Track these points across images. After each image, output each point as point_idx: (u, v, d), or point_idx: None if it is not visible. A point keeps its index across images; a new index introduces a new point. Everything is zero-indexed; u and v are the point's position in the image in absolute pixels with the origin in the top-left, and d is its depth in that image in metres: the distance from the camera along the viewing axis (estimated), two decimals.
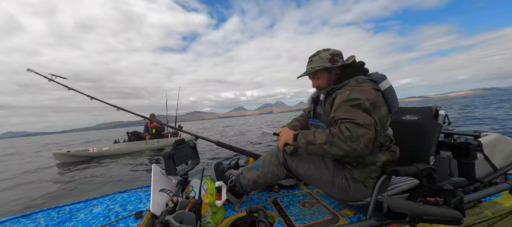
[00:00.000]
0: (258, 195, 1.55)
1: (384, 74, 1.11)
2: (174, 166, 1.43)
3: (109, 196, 1.56)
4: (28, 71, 1.96)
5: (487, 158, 1.36)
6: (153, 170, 1.39)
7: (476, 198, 1.13)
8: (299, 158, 1.19)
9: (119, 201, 1.44)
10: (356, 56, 1.16)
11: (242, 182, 1.30)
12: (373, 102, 0.97)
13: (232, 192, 1.34)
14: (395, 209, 0.87)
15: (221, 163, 1.56)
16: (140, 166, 5.44)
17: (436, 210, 0.91)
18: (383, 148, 1.09)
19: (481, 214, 1.14)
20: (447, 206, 0.97)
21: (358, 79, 1.07)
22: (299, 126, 1.45)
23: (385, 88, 1.05)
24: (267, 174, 1.24)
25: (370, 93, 0.99)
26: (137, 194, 1.53)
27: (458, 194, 0.99)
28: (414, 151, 1.34)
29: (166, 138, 8.45)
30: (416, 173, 1.06)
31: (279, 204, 1.38)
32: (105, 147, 7.15)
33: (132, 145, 7.57)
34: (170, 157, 1.42)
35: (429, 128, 1.31)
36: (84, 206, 1.41)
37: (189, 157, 1.67)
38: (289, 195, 1.51)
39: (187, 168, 1.60)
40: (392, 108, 1.07)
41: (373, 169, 1.07)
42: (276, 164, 1.22)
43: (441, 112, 1.32)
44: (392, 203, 0.88)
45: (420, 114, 1.42)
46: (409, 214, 0.87)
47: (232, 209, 1.34)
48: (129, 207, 1.33)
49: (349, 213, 1.24)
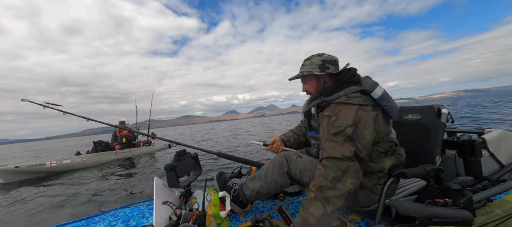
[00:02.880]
0: (262, 203, 1.52)
1: (371, 79, 1.06)
2: (176, 178, 1.41)
3: (111, 211, 1.53)
4: (22, 101, 1.92)
5: (492, 154, 1.34)
6: (155, 182, 1.37)
7: (485, 196, 1.11)
8: (303, 167, 1.17)
9: (121, 216, 1.41)
10: (349, 63, 1.13)
11: (245, 192, 1.28)
12: (357, 125, 0.92)
13: (236, 201, 1.31)
14: (404, 213, 0.85)
15: (223, 172, 1.53)
16: (111, 180, 4.56)
17: (445, 211, 0.89)
18: (388, 153, 1.07)
19: (492, 213, 1.12)
20: (457, 207, 0.95)
21: (348, 94, 1.00)
22: (292, 136, 1.45)
23: (378, 96, 0.99)
24: (270, 184, 1.21)
25: (356, 115, 0.93)
26: (139, 209, 1.51)
27: (467, 193, 0.97)
28: (419, 151, 1.32)
29: (137, 147, 7.54)
30: (423, 174, 1.05)
31: (285, 212, 1.35)
32: (67, 159, 5.92)
33: (99, 156, 6.47)
34: (172, 168, 1.40)
35: (433, 127, 1.30)
36: (86, 224, 1.38)
37: (191, 168, 1.65)
38: (294, 202, 1.48)
39: (189, 179, 1.58)
40: (390, 114, 1.04)
41: (381, 175, 1.05)
42: (279, 174, 1.19)
43: (444, 111, 1.30)
44: (400, 206, 0.86)
45: (422, 113, 1.41)
46: (418, 217, 0.85)
47: (237, 219, 1.31)
48: (132, 223, 1.31)
49: (356, 218, 1.21)
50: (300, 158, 1.20)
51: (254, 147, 7.21)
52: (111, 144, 6.98)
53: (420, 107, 1.45)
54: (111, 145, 6.94)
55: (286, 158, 1.21)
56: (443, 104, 1.35)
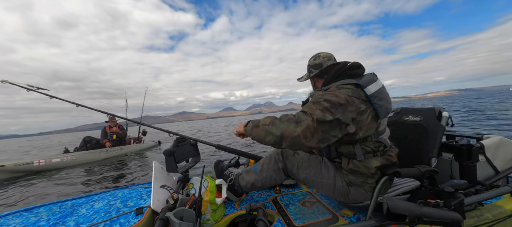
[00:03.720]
0: (258, 193, 1.56)
1: (375, 77, 1.04)
2: (175, 163, 1.44)
3: (110, 191, 1.57)
4: (2, 83, 1.82)
5: (489, 160, 1.35)
6: (154, 166, 1.40)
7: (477, 200, 1.13)
8: (300, 163, 1.19)
9: (120, 197, 1.45)
10: (345, 59, 1.16)
11: (241, 183, 1.31)
12: (335, 103, 0.93)
13: (232, 190, 1.35)
14: (395, 210, 0.87)
15: (221, 161, 1.56)
16: (103, 176, 4.41)
17: (436, 212, 0.91)
18: (377, 154, 1.07)
19: (482, 217, 1.14)
20: (448, 208, 0.97)
21: (339, 85, 1.03)
22: None
23: (371, 93, 0.97)
24: (265, 179, 1.24)
25: (337, 96, 0.95)
26: (138, 190, 1.55)
27: (459, 196, 0.99)
28: (416, 152, 1.34)
29: (128, 145, 7.34)
30: (418, 175, 1.06)
31: (279, 203, 1.39)
32: (56, 158, 5.66)
33: (89, 154, 6.25)
34: (171, 154, 1.43)
35: (432, 129, 1.31)
36: (85, 201, 1.42)
37: (190, 155, 1.67)
38: (289, 194, 1.51)
39: (187, 165, 1.61)
40: (379, 113, 0.99)
41: (369, 175, 1.06)
42: (274, 169, 1.21)
43: (445, 114, 1.31)
44: (392, 204, 0.88)
45: (423, 115, 1.41)
46: (408, 215, 0.87)
47: (232, 207, 1.35)
48: (130, 203, 1.34)
49: (348, 213, 1.24)
50: (297, 154, 1.22)
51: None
52: (101, 141, 6.73)
53: (421, 109, 1.45)
54: (101, 142, 6.70)
55: (282, 154, 1.22)
56: (444, 108, 1.35)
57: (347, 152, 1.08)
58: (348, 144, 1.06)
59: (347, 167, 1.09)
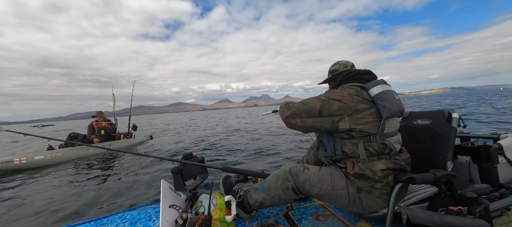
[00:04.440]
0: (269, 208, 1.51)
1: (382, 82, 1.11)
2: (183, 181, 1.42)
3: (119, 214, 1.55)
4: None
5: (509, 161, 1.28)
6: (162, 186, 1.38)
7: (503, 205, 1.06)
8: (311, 178, 1.14)
9: (129, 219, 1.43)
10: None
11: (249, 201, 1.26)
12: (334, 99, 1.07)
13: (241, 207, 1.31)
14: (416, 221, 0.82)
15: (229, 176, 1.53)
16: (93, 174, 3.98)
17: (460, 220, 0.86)
18: (382, 157, 1.05)
19: (511, 223, 1.06)
20: (472, 216, 0.91)
21: (344, 86, 1.15)
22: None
23: (374, 94, 1.04)
24: (273, 198, 1.18)
25: (337, 94, 1.08)
26: (146, 211, 1.52)
27: (483, 202, 0.93)
28: (429, 156, 1.28)
29: (118, 140, 6.86)
30: (434, 180, 1.01)
31: (291, 218, 1.33)
32: (39, 155, 5.20)
33: (76, 150, 5.83)
34: (178, 172, 1.41)
35: (444, 132, 1.26)
36: (94, 226, 1.40)
37: (198, 172, 1.65)
38: (301, 208, 1.46)
39: (195, 182, 1.59)
40: (382, 113, 1.02)
41: (374, 178, 1.03)
42: (283, 188, 1.16)
43: (455, 115, 1.27)
44: (412, 214, 0.83)
45: (432, 118, 1.37)
46: (431, 226, 0.81)
47: (242, 224, 1.30)
48: (139, 225, 1.32)
49: (365, 225, 1.18)
50: (307, 169, 1.17)
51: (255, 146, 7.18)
52: (88, 136, 6.26)
53: (430, 112, 1.41)
54: (89, 138, 6.24)
55: (291, 172, 1.17)
56: (453, 109, 1.31)
57: (351, 152, 1.08)
58: (352, 143, 1.07)
59: (352, 171, 1.07)
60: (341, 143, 1.11)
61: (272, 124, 12.13)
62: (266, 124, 12.74)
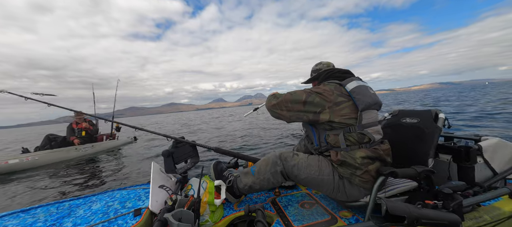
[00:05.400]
0: (257, 194, 1.55)
1: (357, 78, 1.24)
2: (174, 164, 1.44)
3: (108, 192, 1.56)
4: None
5: (487, 162, 1.36)
6: (152, 167, 1.39)
7: (475, 202, 1.13)
8: (300, 163, 1.19)
9: (118, 198, 1.44)
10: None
11: (239, 185, 1.31)
12: (317, 92, 1.17)
13: (231, 192, 1.34)
14: (394, 212, 0.87)
15: (220, 162, 1.56)
16: (74, 178, 3.70)
17: (434, 213, 0.91)
18: (362, 146, 1.12)
19: (480, 219, 1.14)
20: (446, 210, 0.97)
21: (325, 83, 1.27)
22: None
23: (350, 89, 1.16)
24: (262, 181, 1.23)
25: (320, 88, 1.19)
26: (136, 192, 1.54)
27: (457, 197, 0.99)
28: (413, 153, 1.34)
29: (100, 142, 6.54)
30: (414, 175, 1.06)
31: (278, 204, 1.38)
32: (14, 159, 4.74)
33: (55, 153, 5.34)
34: (169, 155, 1.42)
35: (429, 131, 1.31)
36: (83, 202, 1.41)
37: (189, 156, 1.67)
38: (288, 196, 1.51)
39: (186, 166, 1.60)
40: (358, 105, 1.13)
41: (355, 165, 1.10)
42: (272, 172, 1.21)
43: (441, 116, 1.32)
44: (391, 205, 0.88)
45: (420, 116, 1.42)
46: (407, 217, 0.87)
47: (230, 208, 1.34)
48: (128, 204, 1.34)
49: (347, 214, 1.24)
50: (296, 155, 1.22)
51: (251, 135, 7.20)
52: (67, 138, 5.84)
53: (418, 111, 1.46)
54: (68, 140, 5.82)
55: (280, 157, 1.22)
56: (440, 109, 1.36)
57: (334, 142, 1.17)
58: (334, 134, 1.16)
59: (336, 158, 1.15)
60: (324, 134, 1.20)
61: (245, 124, 12.03)
62: (237, 124, 12.61)
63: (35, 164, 4.92)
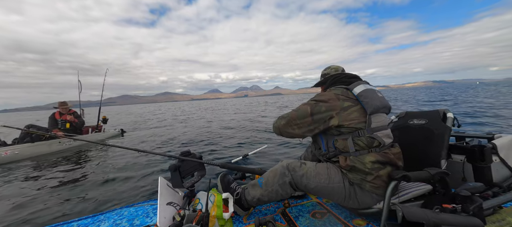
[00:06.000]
0: (266, 206, 1.51)
1: (364, 82, 1.23)
2: (181, 178, 1.42)
3: (116, 210, 1.55)
4: None
5: (503, 161, 1.30)
6: (159, 182, 1.38)
7: (496, 204, 1.08)
8: (308, 173, 1.16)
9: (126, 215, 1.43)
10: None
11: (247, 197, 1.28)
12: (321, 101, 1.15)
13: (239, 204, 1.31)
14: (411, 218, 0.84)
15: (227, 174, 1.54)
16: (59, 175, 3.27)
17: (454, 218, 0.87)
18: (371, 150, 1.09)
19: (503, 221, 1.08)
20: (466, 214, 0.93)
21: (331, 88, 1.24)
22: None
23: (357, 93, 1.15)
24: (271, 193, 1.21)
25: (324, 96, 1.17)
26: (144, 208, 1.52)
27: (477, 200, 0.95)
28: (424, 155, 1.30)
29: (86, 135, 6.06)
30: (428, 178, 1.02)
31: (288, 215, 1.34)
32: None
33: (37, 146, 4.89)
34: (176, 169, 1.41)
35: (438, 131, 1.28)
36: (91, 222, 1.40)
37: (195, 169, 1.65)
38: (298, 206, 1.47)
39: (193, 180, 1.59)
40: (366, 108, 1.11)
41: (365, 170, 1.07)
42: (280, 184, 1.18)
43: (449, 115, 1.29)
44: (407, 211, 0.85)
45: (427, 117, 1.39)
46: (426, 223, 0.83)
47: (240, 221, 1.31)
48: (136, 222, 1.32)
49: (361, 223, 1.20)
50: (304, 164, 1.19)
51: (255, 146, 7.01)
52: (50, 130, 5.22)
53: (425, 112, 1.43)
54: (51, 132, 5.18)
55: (288, 167, 1.19)
56: (448, 109, 1.33)
57: (343, 147, 1.13)
58: (343, 139, 1.13)
59: (345, 163, 1.12)
60: (333, 139, 1.17)
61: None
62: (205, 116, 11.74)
63: (14, 158, 4.53)
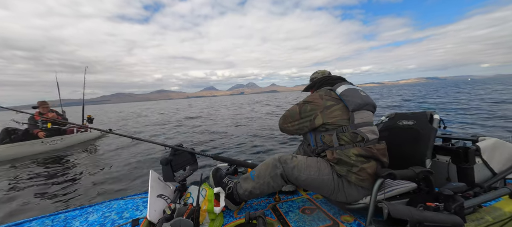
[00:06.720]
0: (257, 201, 1.53)
1: (347, 82, 1.35)
2: (172, 172, 1.42)
3: (105, 203, 1.53)
4: None
5: (485, 162, 1.36)
6: (150, 176, 1.37)
7: (476, 203, 1.13)
8: (299, 165, 1.19)
9: (116, 208, 1.41)
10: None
11: (239, 191, 1.29)
12: (307, 102, 1.29)
13: (230, 199, 1.32)
14: (396, 215, 0.87)
15: (219, 168, 1.54)
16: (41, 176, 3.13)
17: (437, 216, 0.91)
18: (356, 144, 1.16)
19: (482, 220, 1.14)
20: (448, 212, 0.97)
21: (317, 90, 1.37)
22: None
23: (340, 93, 1.25)
24: (262, 185, 1.23)
25: (310, 97, 1.31)
26: (134, 201, 1.51)
27: (458, 199, 0.99)
28: (410, 155, 1.35)
29: (70, 135, 5.87)
30: (413, 176, 1.06)
31: (278, 211, 1.36)
32: None
33: (18, 147, 4.73)
34: (168, 162, 1.40)
35: (425, 132, 1.33)
36: (79, 214, 1.38)
37: (188, 163, 1.65)
38: (288, 201, 1.49)
39: (185, 174, 1.58)
40: (348, 106, 1.20)
41: (350, 162, 1.14)
42: (272, 176, 1.21)
43: (436, 117, 1.34)
44: (393, 209, 0.88)
45: (416, 119, 1.43)
46: (410, 220, 0.86)
47: (230, 215, 1.32)
48: (126, 215, 1.31)
49: (349, 219, 1.23)
50: (295, 157, 1.23)
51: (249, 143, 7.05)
52: (30, 131, 5.13)
53: (414, 114, 1.48)
54: (32, 133, 5.11)
55: (280, 160, 1.22)
56: (435, 111, 1.38)
57: (329, 142, 1.22)
58: (329, 134, 1.22)
59: (332, 156, 1.18)
60: (320, 135, 1.26)
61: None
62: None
63: None
